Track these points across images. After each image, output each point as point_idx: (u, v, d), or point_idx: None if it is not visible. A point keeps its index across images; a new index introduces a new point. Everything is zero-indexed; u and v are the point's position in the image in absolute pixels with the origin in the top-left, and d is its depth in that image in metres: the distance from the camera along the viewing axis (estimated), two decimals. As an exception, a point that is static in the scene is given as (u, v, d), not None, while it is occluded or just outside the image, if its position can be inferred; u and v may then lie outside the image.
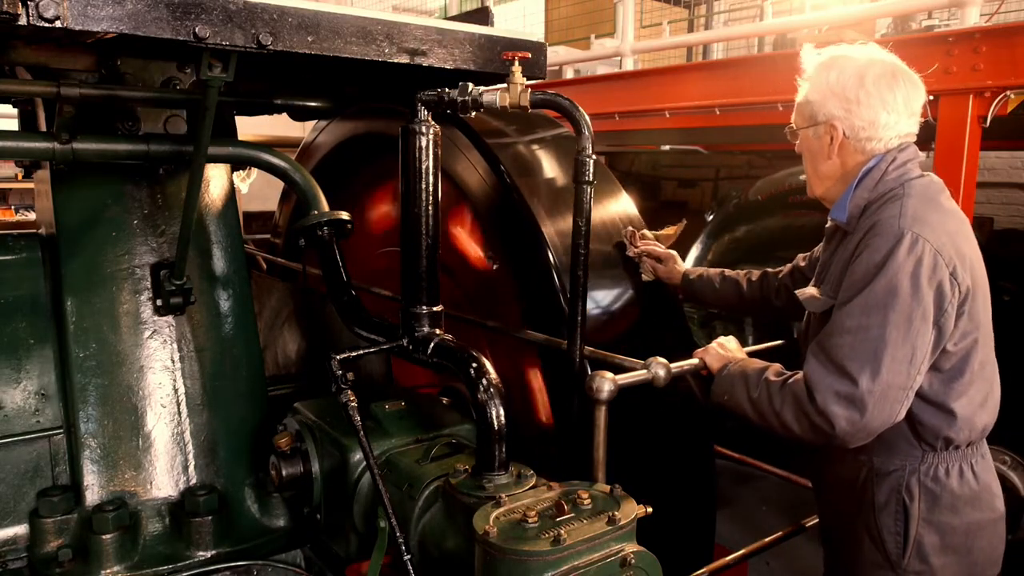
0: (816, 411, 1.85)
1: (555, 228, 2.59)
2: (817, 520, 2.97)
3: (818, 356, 1.91)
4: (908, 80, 2.00)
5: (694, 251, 5.25)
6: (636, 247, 2.70)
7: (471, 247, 3.02)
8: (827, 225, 2.24)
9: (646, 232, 2.74)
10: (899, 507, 2.02)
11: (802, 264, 2.54)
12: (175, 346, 2.54)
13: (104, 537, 2.26)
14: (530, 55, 2.31)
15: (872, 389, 1.81)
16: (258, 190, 6.00)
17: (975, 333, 1.97)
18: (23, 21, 1.53)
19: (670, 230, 2.77)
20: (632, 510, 1.65)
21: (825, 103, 2.04)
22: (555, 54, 6.13)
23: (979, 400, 2.01)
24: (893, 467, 2.03)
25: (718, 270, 2.71)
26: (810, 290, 2.15)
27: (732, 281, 2.66)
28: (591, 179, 2.11)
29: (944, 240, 1.88)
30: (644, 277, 2.71)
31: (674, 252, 2.72)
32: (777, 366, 2.07)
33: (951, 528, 2.01)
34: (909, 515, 2.00)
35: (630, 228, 2.73)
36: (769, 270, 2.65)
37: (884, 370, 1.81)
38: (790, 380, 1.96)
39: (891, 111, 1.98)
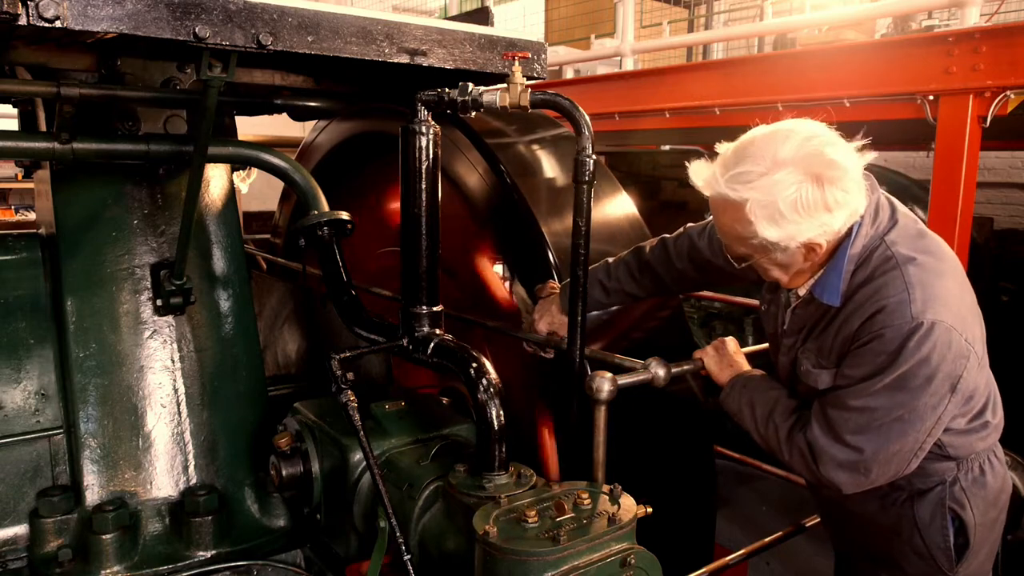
0: (821, 475, 1.85)
1: (555, 228, 2.59)
2: (818, 520, 2.98)
3: (821, 424, 1.84)
4: (843, 138, 1.77)
5: (694, 251, 5.24)
6: (550, 354, 2.43)
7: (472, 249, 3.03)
8: (802, 293, 1.97)
9: (531, 309, 2.47)
10: (947, 519, 1.98)
11: (697, 240, 2.30)
12: (175, 346, 2.54)
13: (104, 537, 2.26)
14: (530, 55, 2.31)
15: (877, 458, 1.78)
16: (258, 190, 6.00)
17: (981, 362, 1.89)
18: (23, 21, 1.53)
19: (551, 286, 2.48)
20: (632, 510, 1.66)
21: (795, 233, 1.73)
22: (555, 54, 6.13)
23: (992, 404, 2.02)
24: (932, 483, 1.99)
25: (623, 270, 2.38)
26: (805, 367, 1.97)
27: (648, 284, 2.37)
28: (591, 179, 2.11)
29: (956, 309, 1.76)
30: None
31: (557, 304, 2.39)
32: (784, 399, 2.01)
33: (992, 520, 2.05)
34: (965, 523, 1.98)
35: (529, 348, 2.48)
36: (668, 244, 2.35)
37: (891, 443, 1.77)
38: (796, 434, 1.91)
39: (859, 186, 1.75)
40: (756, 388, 2.08)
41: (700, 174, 1.84)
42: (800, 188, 1.68)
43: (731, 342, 2.28)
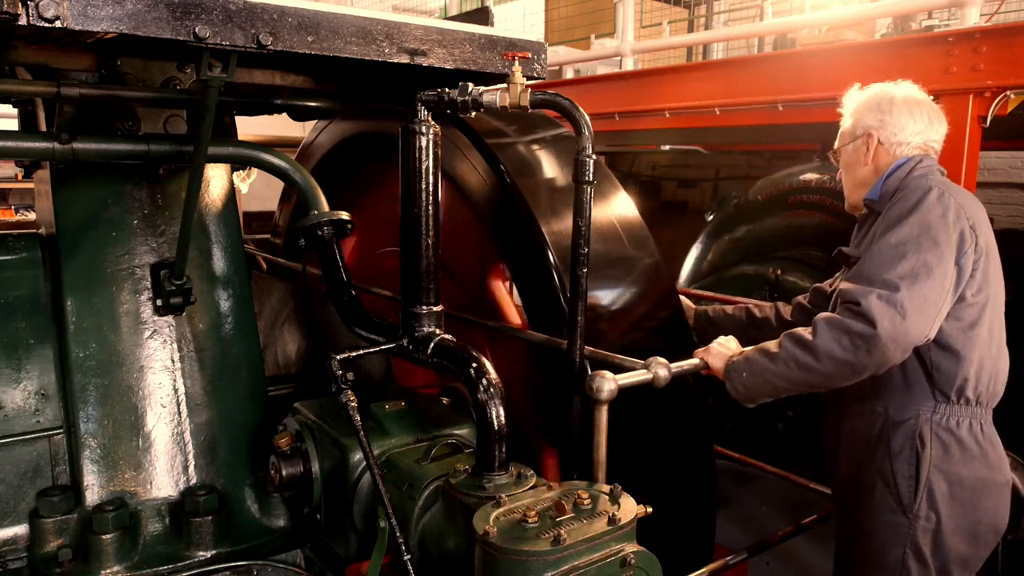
0: (857, 316, 1.96)
1: (555, 228, 2.59)
2: (815, 518, 2.99)
3: (855, 280, 2.08)
4: (933, 107, 2.37)
5: (694, 251, 5.25)
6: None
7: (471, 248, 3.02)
8: (859, 215, 2.46)
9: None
10: (912, 453, 2.16)
11: (819, 285, 2.65)
12: (175, 346, 2.54)
13: (104, 537, 2.26)
14: (530, 55, 2.32)
15: (911, 296, 1.95)
16: (258, 190, 6.00)
17: (988, 291, 2.14)
18: (23, 21, 1.53)
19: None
20: (632, 510, 1.66)
21: (862, 118, 2.38)
22: (555, 54, 6.13)
23: (989, 358, 2.16)
24: (908, 415, 2.18)
25: (729, 306, 2.89)
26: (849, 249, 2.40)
27: (744, 308, 2.81)
28: (591, 179, 2.11)
29: (966, 203, 2.14)
30: None
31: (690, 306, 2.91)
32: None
33: (959, 479, 2.15)
34: (921, 460, 2.15)
35: None
36: (779, 303, 2.80)
37: (920, 283, 1.97)
38: (820, 318, 2.06)
39: (917, 121, 2.32)
40: (758, 345, 2.19)
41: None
42: (882, 95, 2.37)
43: (731, 341, 2.28)
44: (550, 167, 2.82)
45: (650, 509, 1.73)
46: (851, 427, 2.33)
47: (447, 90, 2.13)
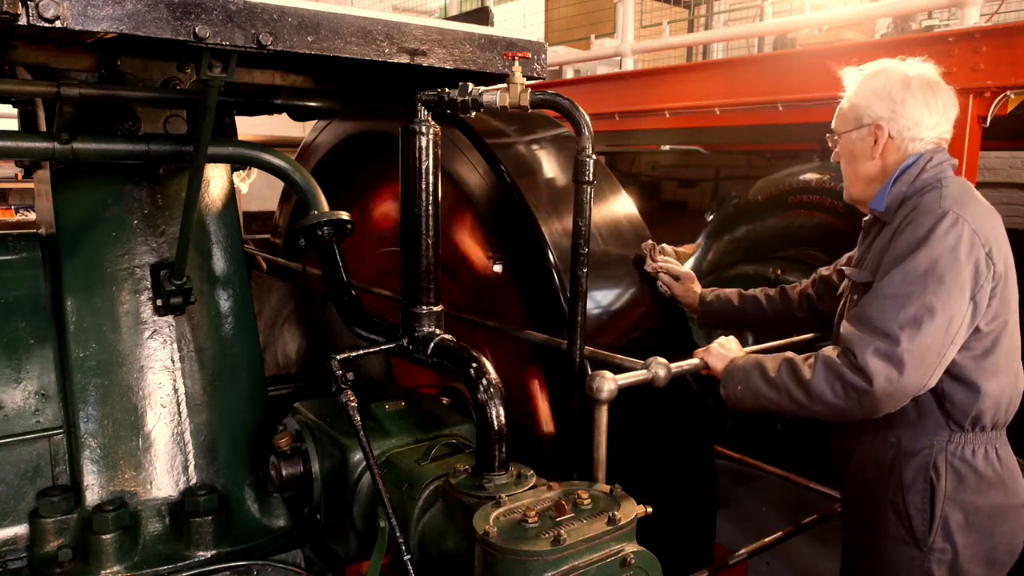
0: (854, 368, 1.89)
1: (555, 228, 2.59)
2: (815, 518, 2.99)
3: (856, 323, 1.97)
4: (947, 91, 2.15)
5: (694, 251, 5.24)
6: (655, 261, 2.71)
7: (472, 248, 3.02)
8: (864, 219, 2.32)
9: (666, 247, 2.75)
10: (926, 485, 2.07)
11: (825, 273, 2.58)
12: (175, 346, 2.54)
13: (104, 537, 2.26)
14: (530, 55, 2.32)
15: (911, 349, 1.87)
16: (258, 190, 6.00)
17: (1005, 316, 2.04)
18: (23, 21, 1.53)
19: (688, 248, 2.79)
20: (632, 510, 1.66)
21: (871, 106, 2.14)
22: (555, 54, 6.13)
23: (1007, 384, 2.07)
24: (921, 446, 2.09)
25: (734, 290, 2.74)
26: (846, 283, 2.28)
27: (751, 298, 2.70)
28: (591, 179, 2.11)
29: (982, 224, 1.99)
30: (661, 289, 2.75)
31: (692, 272, 2.75)
32: (791, 353, 2.10)
33: (975, 508, 2.07)
34: (935, 492, 2.06)
35: (650, 242, 2.74)
36: (786, 286, 2.69)
37: (923, 333, 1.87)
38: (819, 355, 1.99)
39: (933, 113, 2.11)
40: (760, 355, 2.14)
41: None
42: (895, 79, 2.13)
43: (732, 341, 2.28)
44: (550, 167, 2.83)
45: (650, 509, 1.73)
46: (862, 454, 2.23)
47: (447, 90, 2.13)
